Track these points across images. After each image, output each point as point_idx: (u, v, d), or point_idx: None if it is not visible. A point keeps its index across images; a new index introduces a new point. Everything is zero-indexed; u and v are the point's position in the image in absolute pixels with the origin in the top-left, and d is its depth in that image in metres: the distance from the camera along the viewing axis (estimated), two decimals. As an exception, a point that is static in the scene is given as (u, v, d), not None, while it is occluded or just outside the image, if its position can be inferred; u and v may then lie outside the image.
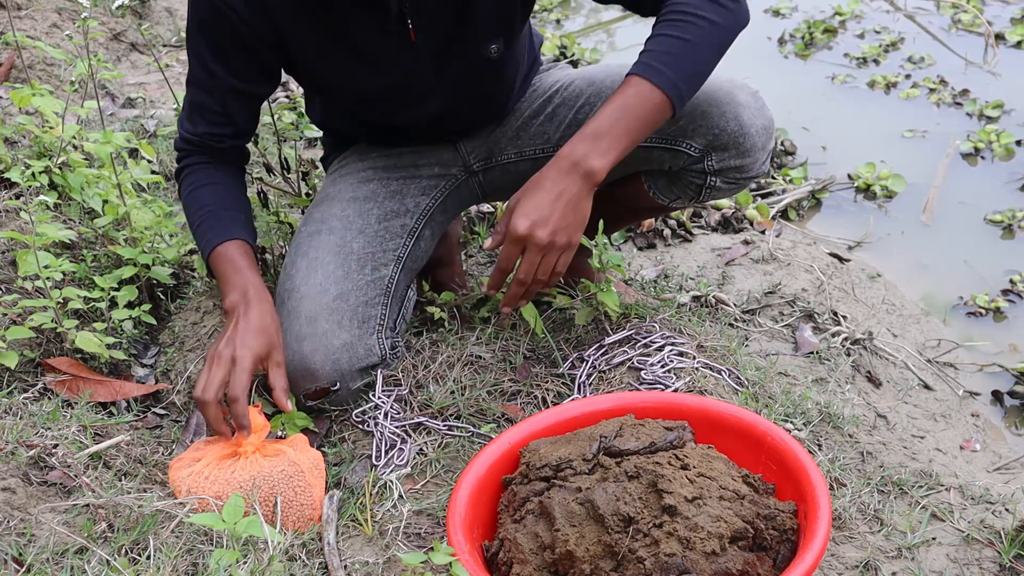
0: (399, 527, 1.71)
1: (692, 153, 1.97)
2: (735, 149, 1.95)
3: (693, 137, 1.96)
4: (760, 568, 1.45)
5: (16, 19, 3.32)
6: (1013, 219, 3.10)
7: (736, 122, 1.93)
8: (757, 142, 1.96)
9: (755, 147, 1.96)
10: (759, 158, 1.99)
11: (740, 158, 1.97)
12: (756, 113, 1.95)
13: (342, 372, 1.93)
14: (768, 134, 1.98)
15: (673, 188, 2.07)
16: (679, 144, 1.97)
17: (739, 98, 1.94)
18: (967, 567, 1.68)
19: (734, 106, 1.93)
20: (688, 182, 2.03)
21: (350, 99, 2.03)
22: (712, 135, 1.94)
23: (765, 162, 2.03)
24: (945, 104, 3.79)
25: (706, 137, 1.95)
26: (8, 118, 2.64)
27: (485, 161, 2.15)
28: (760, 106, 1.97)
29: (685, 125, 1.95)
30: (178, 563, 1.53)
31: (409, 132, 2.11)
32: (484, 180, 2.18)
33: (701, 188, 2.02)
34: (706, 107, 1.93)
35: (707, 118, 1.94)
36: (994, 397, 2.50)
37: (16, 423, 1.72)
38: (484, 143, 2.14)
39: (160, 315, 2.24)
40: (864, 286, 2.77)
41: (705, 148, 1.96)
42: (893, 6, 4.59)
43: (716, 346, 2.09)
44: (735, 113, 1.93)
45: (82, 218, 2.31)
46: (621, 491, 1.48)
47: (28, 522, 1.53)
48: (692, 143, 1.97)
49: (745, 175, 2.00)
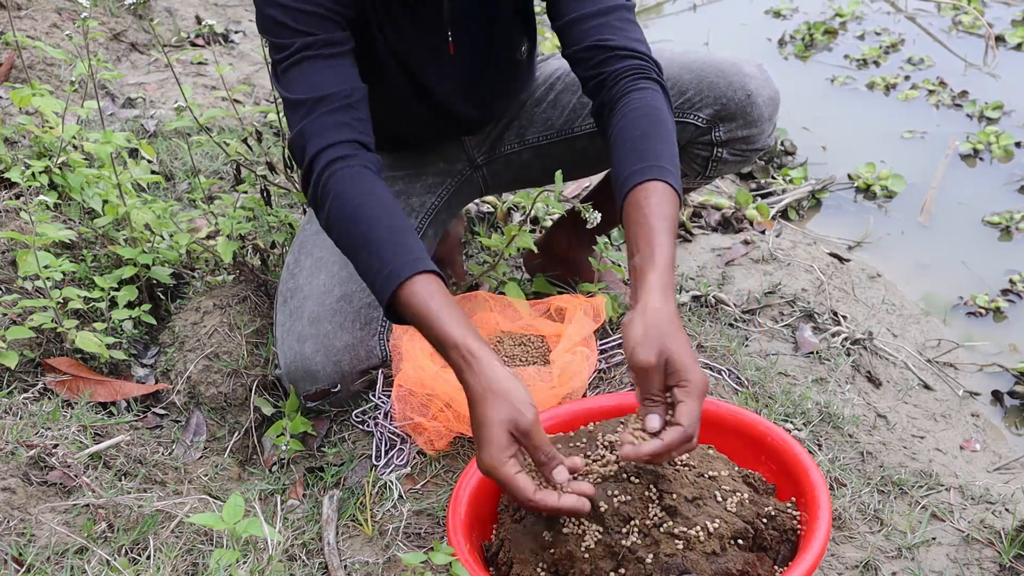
0: (399, 527, 1.71)
1: (699, 124, 1.99)
2: (743, 119, 1.98)
3: (700, 108, 1.97)
4: (760, 568, 1.45)
5: (16, 19, 3.32)
6: (1011, 221, 3.10)
7: (743, 91, 1.96)
8: (764, 112, 1.99)
9: (762, 117, 1.99)
10: (766, 129, 2.02)
11: (747, 128, 1.99)
12: (763, 83, 1.98)
13: (343, 374, 1.93)
14: (774, 105, 2.01)
15: (684, 156, 2.03)
16: (687, 116, 1.99)
17: (745, 69, 1.97)
18: (967, 567, 1.68)
19: (741, 76, 1.96)
20: (695, 155, 2.04)
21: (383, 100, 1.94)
22: (720, 104, 1.96)
23: (771, 134, 2.06)
24: (944, 106, 3.79)
25: (713, 107, 1.97)
26: (8, 118, 2.64)
27: (489, 154, 2.15)
28: (766, 77, 2.00)
29: (692, 96, 1.97)
30: (178, 563, 1.54)
31: (420, 133, 2.10)
32: (488, 173, 2.18)
33: (708, 160, 2.04)
34: (713, 78, 1.95)
35: (714, 88, 1.96)
36: (994, 397, 2.50)
37: (16, 423, 1.72)
38: (488, 135, 2.14)
39: (160, 315, 2.24)
40: (864, 286, 2.77)
41: (712, 118, 1.98)
42: (894, 7, 4.59)
43: (716, 346, 2.09)
44: (742, 83, 1.96)
45: (82, 218, 2.31)
46: (621, 491, 1.48)
47: (28, 522, 1.53)
48: (699, 114, 1.98)
49: (752, 146, 2.03)
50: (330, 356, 1.91)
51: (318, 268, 1.97)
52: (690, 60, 2.00)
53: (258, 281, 2.21)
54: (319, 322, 1.92)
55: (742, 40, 4.37)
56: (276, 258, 2.28)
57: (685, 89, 1.97)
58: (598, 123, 1.76)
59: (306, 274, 1.97)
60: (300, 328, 1.93)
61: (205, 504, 1.72)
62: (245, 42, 3.91)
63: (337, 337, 1.92)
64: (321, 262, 1.97)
